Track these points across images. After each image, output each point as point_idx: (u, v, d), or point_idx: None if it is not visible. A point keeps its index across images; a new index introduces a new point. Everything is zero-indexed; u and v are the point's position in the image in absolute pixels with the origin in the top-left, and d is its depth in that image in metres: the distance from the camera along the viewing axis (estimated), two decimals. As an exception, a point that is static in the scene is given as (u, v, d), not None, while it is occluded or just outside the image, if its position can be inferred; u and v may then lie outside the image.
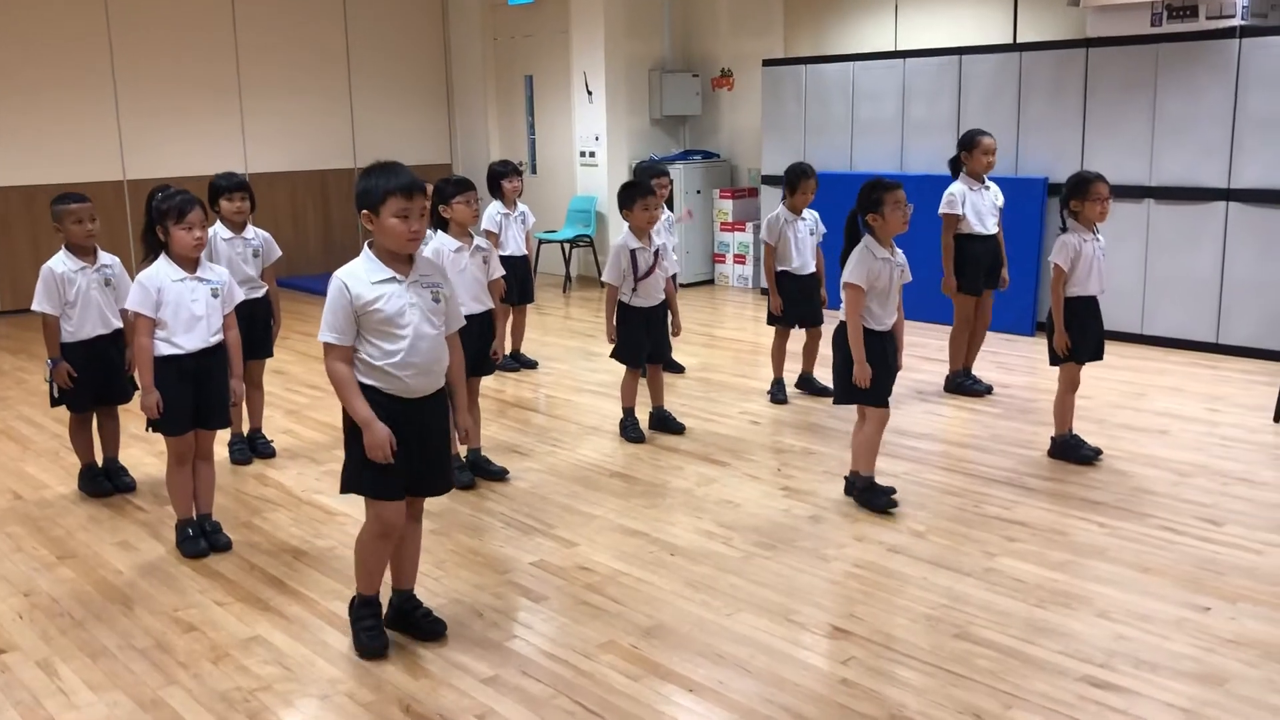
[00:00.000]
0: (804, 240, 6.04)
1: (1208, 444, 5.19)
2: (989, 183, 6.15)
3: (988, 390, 6.10)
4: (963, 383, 6.13)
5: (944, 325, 6.60)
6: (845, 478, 4.60)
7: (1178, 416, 5.66)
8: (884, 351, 4.36)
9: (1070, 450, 4.96)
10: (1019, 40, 8.23)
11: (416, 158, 11.64)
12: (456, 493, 4.75)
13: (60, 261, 4.63)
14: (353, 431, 3.16)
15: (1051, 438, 5.05)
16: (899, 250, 4.43)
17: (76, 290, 4.62)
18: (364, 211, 3.12)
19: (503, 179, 7.01)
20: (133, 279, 4.19)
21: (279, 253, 5.28)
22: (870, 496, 4.44)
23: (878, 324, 4.35)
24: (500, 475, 4.90)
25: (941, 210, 6.04)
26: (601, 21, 10.25)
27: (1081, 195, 4.78)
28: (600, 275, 6.75)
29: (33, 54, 9.49)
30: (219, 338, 4.12)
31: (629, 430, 5.49)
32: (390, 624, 3.43)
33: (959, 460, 5.05)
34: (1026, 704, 2.97)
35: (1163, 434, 5.36)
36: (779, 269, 6.04)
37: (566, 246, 10.38)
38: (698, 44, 10.69)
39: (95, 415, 4.91)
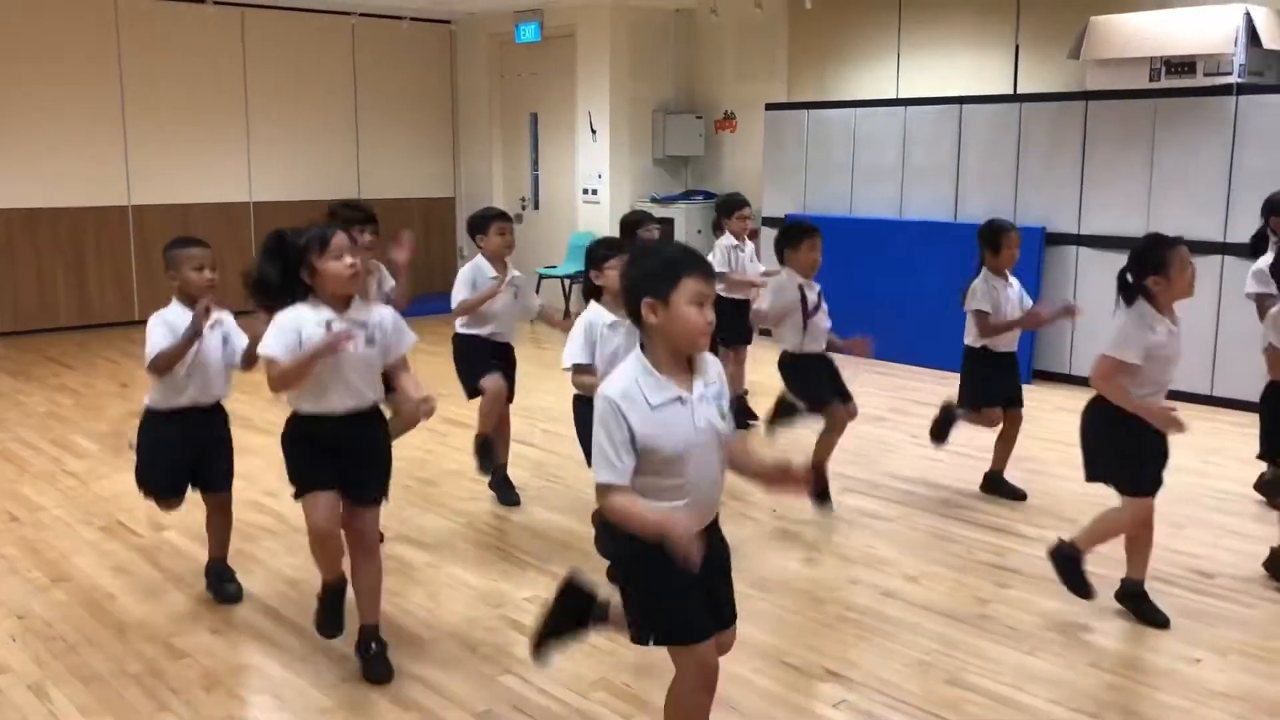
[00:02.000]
0: None
1: (1201, 496, 5.22)
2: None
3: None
4: None
5: (938, 370, 6.63)
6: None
7: (1172, 468, 5.66)
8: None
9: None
10: (1019, 91, 8.34)
11: (420, 191, 11.75)
12: (452, 525, 4.77)
13: (175, 313, 3.78)
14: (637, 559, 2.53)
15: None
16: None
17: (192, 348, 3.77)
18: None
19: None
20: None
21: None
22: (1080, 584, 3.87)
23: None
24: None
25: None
26: (607, 62, 10.37)
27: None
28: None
29: (41, 76, 9.58)
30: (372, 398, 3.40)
31: None
32: None
33: (953, 506, 5.07)
34: (1017, 752, 2.98)
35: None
36: None
37: (566, 282, 10.44)
38: (702, 86, 10.81)
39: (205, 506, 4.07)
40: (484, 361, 4.95)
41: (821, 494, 4.96)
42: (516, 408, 7.00)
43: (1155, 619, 3.80)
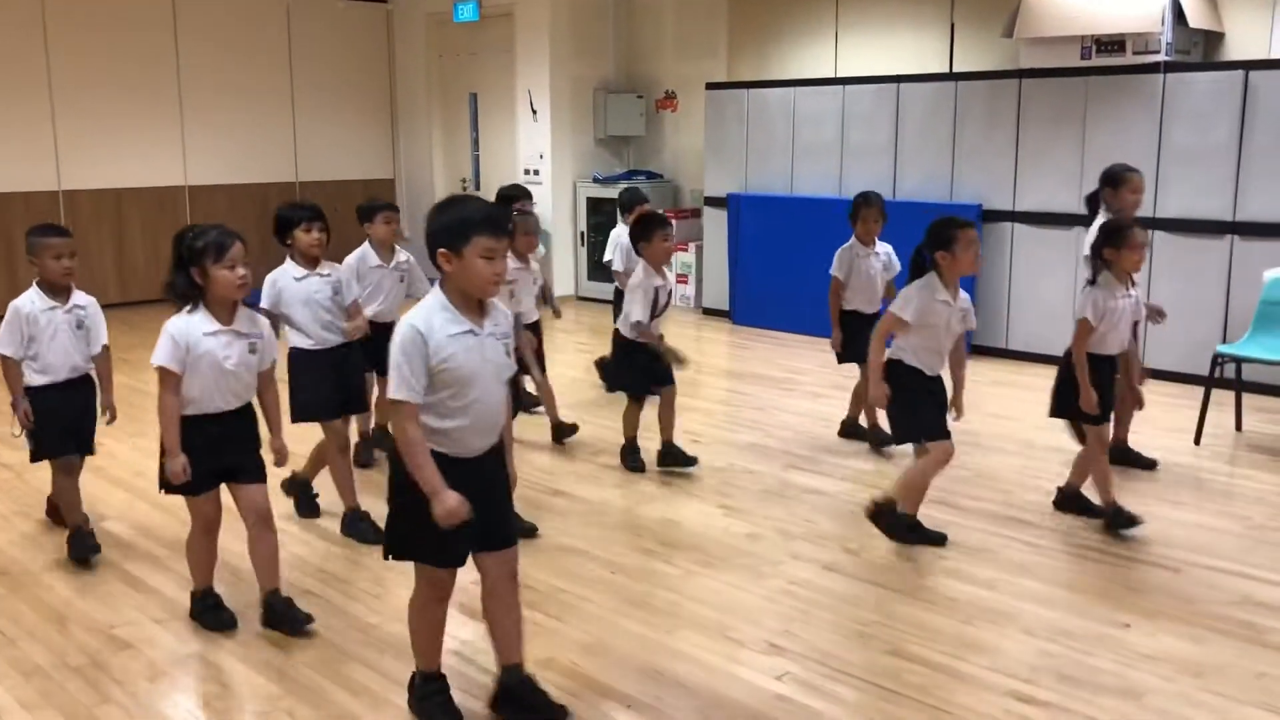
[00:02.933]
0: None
1: (1129, 466, 5.36)
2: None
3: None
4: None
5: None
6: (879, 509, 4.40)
7: (1103, 438, 5.83)
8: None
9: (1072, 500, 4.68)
10: (955, 69, 8.44)
11: (359, 173, 11.63)
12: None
13: (29, 300, 4.15)
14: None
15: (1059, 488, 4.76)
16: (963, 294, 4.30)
17: (43, 330, 4.14)
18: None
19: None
20: None
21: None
22: (915, 534, 4.33)
23: (927, 369, 4.27)
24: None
25: None
26: (547, 41, 10.33)
27: (1118, 244, 4.35)
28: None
29: (-34, 61, 9.33)
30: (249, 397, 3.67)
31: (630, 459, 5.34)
32: (502, 708, 3.09)
33: (891, 480, 5.15)
34: (954, 718, 3.06)
35: (1089, 455, 5.52)
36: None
37: (509, 264, 10.40)
38: (642, 66, 10.80)
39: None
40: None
41: (677, 457, 5.29)
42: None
43: (932, 538, 4.32)
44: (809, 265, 6.85)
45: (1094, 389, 4.34)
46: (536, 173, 10.61)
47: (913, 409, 4.28)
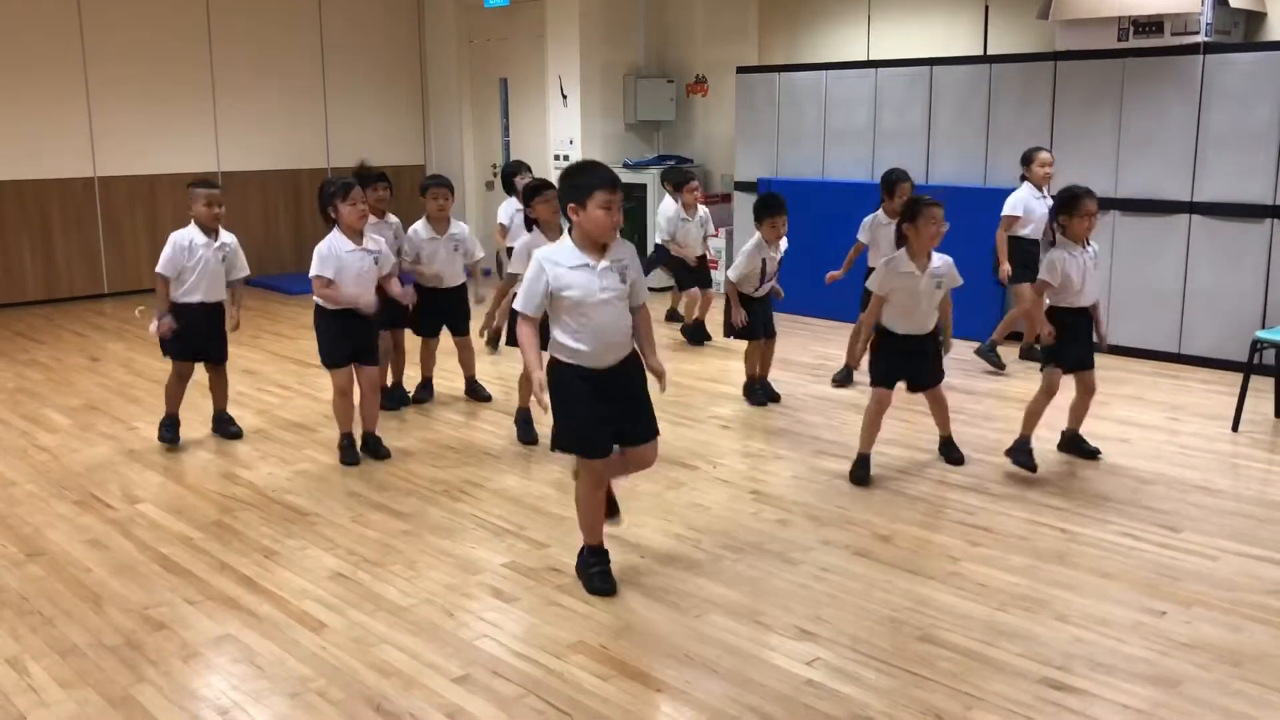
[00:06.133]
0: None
1: (1167, 452, 5.30)
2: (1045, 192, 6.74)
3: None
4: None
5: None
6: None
7: (1139, 425, 5.77)
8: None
9: (1020, 452, 5.01)
10: (989, 52, 8.35)
11: (391, 158, 11.64)
12: (428, 493, 4.79)
13: (186, 235, 5.35)
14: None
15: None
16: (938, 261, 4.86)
17: (198, 260, 5.30)
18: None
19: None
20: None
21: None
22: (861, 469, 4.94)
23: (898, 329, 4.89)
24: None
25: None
26: (577, 26, 10.29)
27: (1070, 211, 4.91)
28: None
29: (3, 48, 9.42)
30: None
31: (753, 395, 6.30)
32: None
33: (923, 465, 5.12)
34: (986, 705, 3.04)
35: (1124, 442, 5.46)
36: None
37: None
38: (673, 50, 10.75)
39: (207, 373, 5.56)
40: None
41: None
42: (494, 375, 7.02)
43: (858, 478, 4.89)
44: (840, 251, 6.80)
45: (1067, 338, 4.90)
46: (567, 158, 10.59)
47: (875, 359, 4.95)
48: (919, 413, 5.95)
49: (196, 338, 5.39)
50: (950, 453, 5.19)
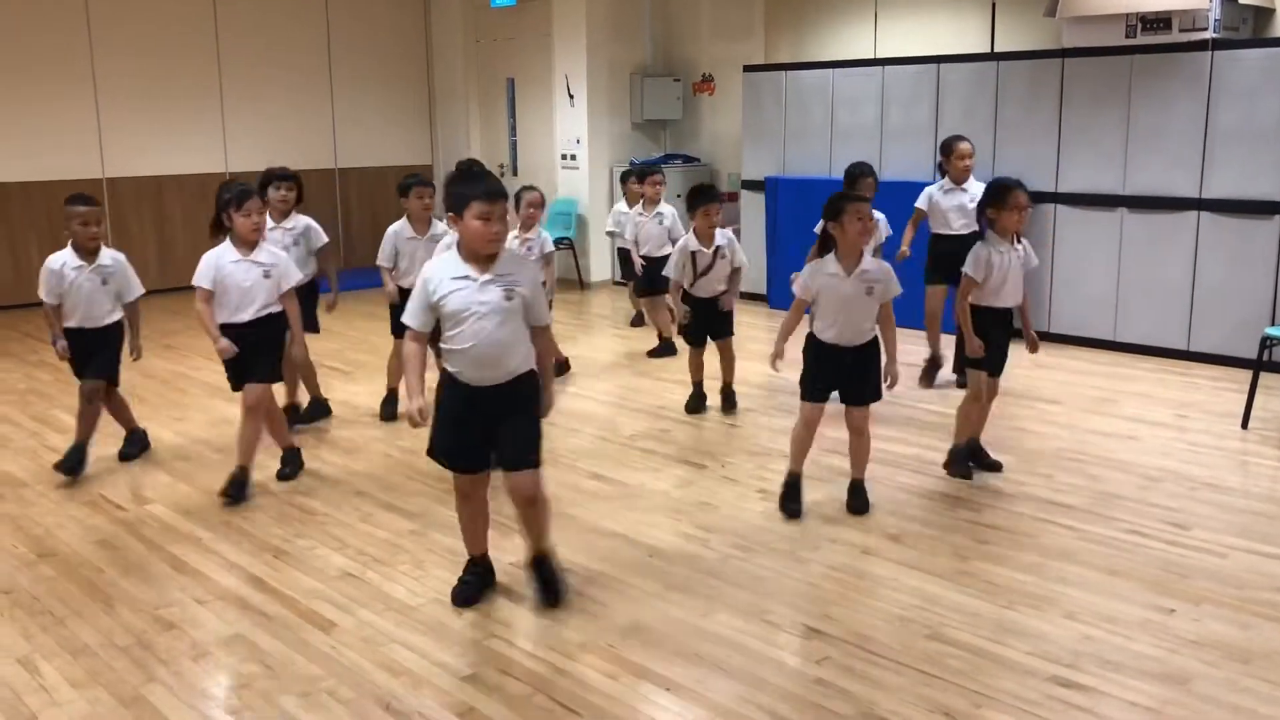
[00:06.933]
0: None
1: (1176, 450, 5.29)
2: (968, 185, 6.35)
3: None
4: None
5: (916, 329, 6.69)
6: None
7: (1147, 422, 5.76)
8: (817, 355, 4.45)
9: (960, 462, 4.86)
10: (996, 49, 8.33)
11: (397, 159, 11.68)
12: (435, 492, 4.80)
13: (59, 258, 4.98)
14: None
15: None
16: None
17: (69, 285, 4.95)
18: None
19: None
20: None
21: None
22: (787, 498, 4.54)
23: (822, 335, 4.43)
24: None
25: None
26: (584, 25, 10.30)
27: (1000, 204, 4.60)
28: (580, 278, 6.85)
29: (11, 50, 9.45)
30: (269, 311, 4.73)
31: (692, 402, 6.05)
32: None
33: (931, 464, 5.12)
34: (995, 703, 3.04)
35: (1132, 439, 5.45)
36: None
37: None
38: (679, 49, 10.75)
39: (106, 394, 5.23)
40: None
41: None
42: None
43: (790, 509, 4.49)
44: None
45: (984, 340, 4.64)
46: (574, 157, 10.61)
47: (803, 371, 4.51)
48: (925, 411, 5.95)
49: (78, 362, 5.07)
50: (856, 500, 4.51)
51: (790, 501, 4.49)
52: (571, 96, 10.51)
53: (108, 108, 10.00)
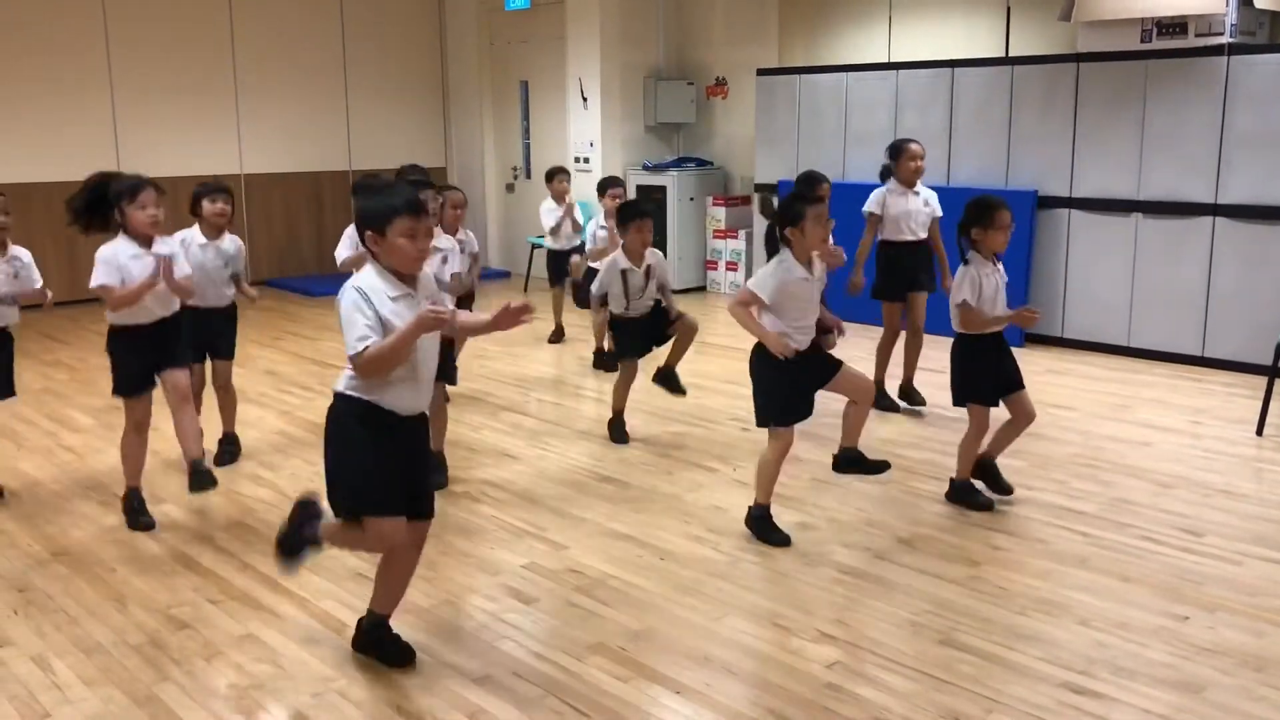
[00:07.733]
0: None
1: (1190, 456, 5.26)
2: (920, 189, 6.03)
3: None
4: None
5: (937, 335, 6.67)
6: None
7: (1161, 428, 5.74)
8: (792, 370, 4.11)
9: (966, 495, 4.61)
10: (1010, 54, 8.31)
11: (411, 161, 11.67)
12: (448, 496, 4.80)
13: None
14: None
15: (950, 479, 4.69)
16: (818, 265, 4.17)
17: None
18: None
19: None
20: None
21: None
22: (763, 529, 4.26)
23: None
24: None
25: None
26: (597, 28, 10.31)
27: (985, 224, 4.37)
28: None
29: (28, 51, 9.51)
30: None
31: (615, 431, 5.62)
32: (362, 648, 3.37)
33: (944, 469, 5.10)
34: (1007, 709, 3.03)
35: (1145, 445, 5.43)
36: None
37: (559, 251, 10.41)
38: (692, 52, 10.75)
39: None
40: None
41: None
42: (512, 377, 7.03)
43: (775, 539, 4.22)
44: (859, 253, 6.77)
45: (978, 368, 4.47)
46: (587, 160, 10.61)
47: (769, 396, 4.20)
48: (934, 413, 5.94)
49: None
50: (854, 461, 4.48)
51: (774, 533, 4.23)
52: (585, 99, 10.53)
53: (124, 110, 10.05)
